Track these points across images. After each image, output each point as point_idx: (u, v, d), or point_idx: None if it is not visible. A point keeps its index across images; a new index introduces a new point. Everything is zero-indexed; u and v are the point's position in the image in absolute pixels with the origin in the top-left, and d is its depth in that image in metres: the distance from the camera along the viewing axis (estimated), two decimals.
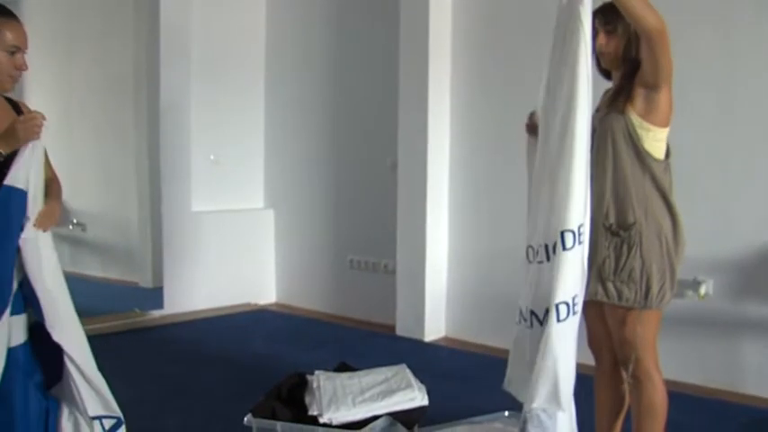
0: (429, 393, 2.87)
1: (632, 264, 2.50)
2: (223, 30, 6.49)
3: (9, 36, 2.41)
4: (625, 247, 2.51)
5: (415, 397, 2.61)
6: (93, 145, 7.91)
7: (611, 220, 2.55)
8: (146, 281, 7.05)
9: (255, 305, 6.56)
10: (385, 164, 5.65)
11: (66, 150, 6.66)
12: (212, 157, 6.46)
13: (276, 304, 6.72)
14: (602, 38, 2.56)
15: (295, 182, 6.61)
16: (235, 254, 6.54)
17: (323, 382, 2.69)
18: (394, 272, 5.51)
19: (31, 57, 2.58)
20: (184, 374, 4.41)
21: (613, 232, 2.53)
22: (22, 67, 2.48)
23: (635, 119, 2.52)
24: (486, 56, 5.15)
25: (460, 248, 5.32)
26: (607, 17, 2.54)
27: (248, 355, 4.78)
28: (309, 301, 6.47)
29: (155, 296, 6.20)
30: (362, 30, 5.96)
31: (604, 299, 2.55)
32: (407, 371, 2.82)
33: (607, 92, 2.74)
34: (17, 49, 2.44)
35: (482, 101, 5.17)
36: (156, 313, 5.90)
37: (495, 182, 5.10)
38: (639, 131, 2.51)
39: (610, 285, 2.53)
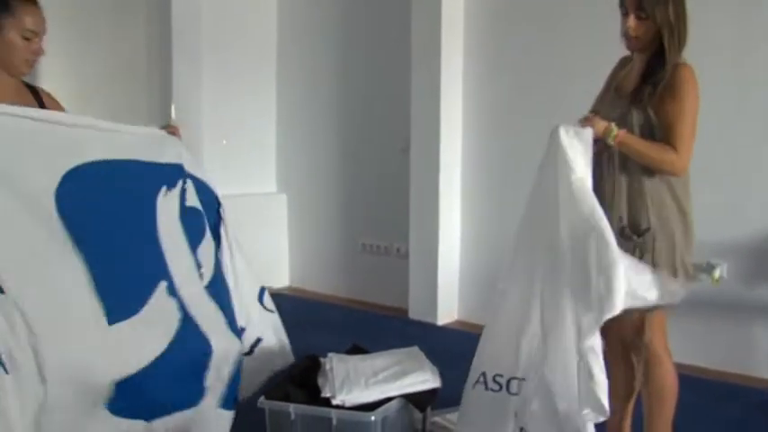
0: (441, 376, 2.89)
1: None
2: (234, 13, 6.48)
3: (27, 20, 2.43)
4: (637, 252, 2.47)
5: (427, 379, 2.63)
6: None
7: (624, 223, 2.51)
8: None
9: (269, 289, 6.56)
10: (397, 148, 5.65)
11: None
12: (224, 142, 6.47)
13: (289, 288, 6.75)
14: (631, 21, 2.47)
15: (307, 166, 6.62)
16: (248, 238, 6.45)
17: (335, 365, 2.71)
18: (406, 255, 5.53)
19: (46, 42, 2.60)
20: None
21: (626, 236, 2.49)
22: (38, 52, 2.50)
23: (655, 118, 2.46)
24: (500, 38, 5.14)
25: (473, 232, 5.32)
26: (643, 2, 2.44)
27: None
28: (323, 284, 6.50)
29: None
30: (375, 13, 5.94)
31: None
32: (420, 353, 2.84)
33: (624, 63, 2.69)
34: (34, 34, 2.45)
35: (495, 83, 5.16)
36: None
37: (507, 165, 5.10)
38: (659, 132, 2.45)
39: None
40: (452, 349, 4.57)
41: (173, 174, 2.60)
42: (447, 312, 5.32)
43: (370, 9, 5.99)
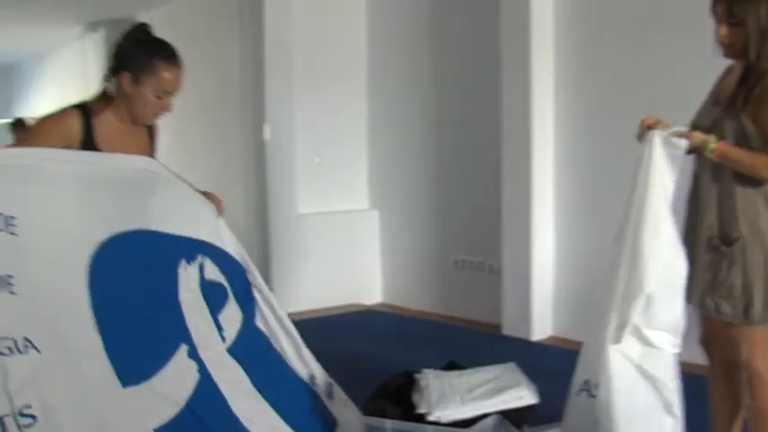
0: (537, 392, 2.84)
1: (732, 280, 2.37)
2: (325, 33, 6.60)
3: (166, 82, 2.51)
4: (725, 263, 2.38)
5: (524, 395, 2.59)
6: (202, 152, 8.18)
7: (713, 232, 2.42)
8: None
9: (362, 305, 6.63)
10: (489, 162, 5.62)
11: (177, 158, 6.91)
12: (317, 160, 6.58)
13: (382, 304, 6.78)
14: (723, 29, 2.38)
15: (399, 182, 6.65)
16: (341, 255, 6.63)
17: (431, 381, 2.70)
18: (499, 271, 5.46)
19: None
20: None
21: (713, 246, 2.41)
22: (167, 110, 2.59)
23: (750, 126, 2.35)
24: (592, 48, 5.03)
25: (567, 247, 5.22)
26: (733, 8, 2.34)
27: (354, 355, 4.83)
28: (415, 300, 6.50)
29: None
30: (464, 27, 5.93)
31: (702, 310, 2.46)
32: (516, 369, 2.80)
33: (729, 71, 2.60)
34: (168, 94, 2.54)
35: (588, 96, 5.05)
36: None
37: (601, 179, 4.98)
38: (755, 140, 2.35)
39: (707, 299, 2.42)
40: (547, 365, 4.50)
41: (192, 249, 2.67)
42: (541, 328, 5.23)
43: (459, 24, 5.98)
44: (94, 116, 2.53)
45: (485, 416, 2.49)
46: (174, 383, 2.42)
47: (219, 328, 2.65)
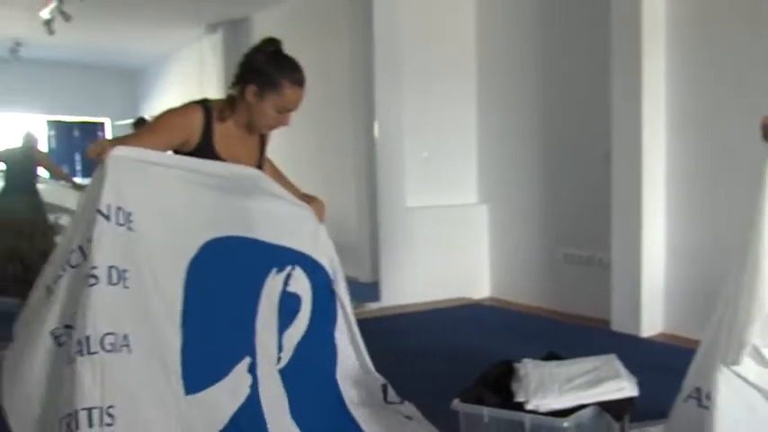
0: (643, 388, 2.80)
1: None
2: (434, 30, 6.66)
3: (288, 101, 2.63)
4: None
5: (624, 387, 2.55)
6: (314, 148, 8.40)
7: None
8: (365, 276, 7.38)
9: (469, 299, 6.66)
10: (598, 155, 5.53)
11: (289, 154, 7.12)
12: (425, 155, 6.64)
13: (490, 298, 6.79)
14: None
15: (508, 177, 6.63)
16: (449, 248, 6.68)
17: (530, 370, 2.70)
18: (608, 265, 5.38)
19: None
20: (399, 363, 4.55)
21: None
22: (285, 125, 2.71)
23: None
24: (706, 39, 4.88)
25: (679, 241, 5.09)
26: None
27: (460, 347, 4.87)
28: (523, 295, 6.48)
29: (373, 290, 6.48)
30: (573, 20, 5.87)
31: None
32: (617, 361, 2.76)
33: None
34: (288, 111, 2.66)
35: (701, 88, 4.90)
36: (373, 306, 6.17)
37: (716, 172, 4.84)
38: None
39: None
40: (656, 362, 4.42)
41: (284, 258, 2.77)
42: (651, 324, 5.12)
43: (568, 17, 5.92)
44: (215, 117, 2.65)
45: (583, 406, 2.48)
46: (226, 397, 2.49)
47: (280, 347, 2.72)
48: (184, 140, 2.59)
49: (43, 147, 11.14)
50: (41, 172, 7.41)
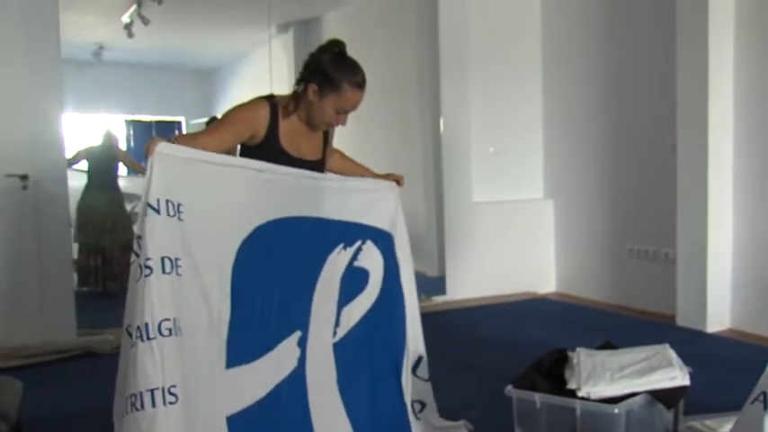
0: (706, 382, 2.81)
1: None
2: (499, 27, 6.71)
3: (348, 102, 2.73)
4: None
5: (675, 376, 2.58)
6: (382, 144, 8.52)
7: None
8: (432, 270, 7.48)
9: (535, 294, 6.68)
10: (664, 147, 5.50)
11: (357, 149, 7.28)
12: (491, 150, 6.69)
13: (556, 293, 6.79)
14: None
15: (573, 172, 6.63)
16: (514, 243, 6.71)
17: (583, 359, 2.75)
18: (674, 260, 5.34)
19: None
20: (463, 354, 4.66)
21: None
22: (342, 124, 2.82)
23: None
24: None
25: (748, 235, 5.01)
26: None
27: (523, 339, 4.92)
28: (589, 290, 6.47)
29: (440, 284, 6.57)
30: (638, 13, 5.83)
31: None
32: (670, 350, 2.78)
33: None
34: (346, 112, 2.77)
35: None
36: (438, 299, 6.25)
37: None
38: None
39: None
40: (722, 357, 4.39)
41: (355, 234, 2.86)
42: (718, 320, 5.07)
43: (632, 10, 5.88)
44: (281, 112, 2.77)
45: (634, 394, 2.52)
46: (270, 369, 2.58)
47: (338, 321, 2.81)
48: (252, 134, 2.72)
49: (122, 145, 11.57)
50: (122, 169, 7.75)
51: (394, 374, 2.98)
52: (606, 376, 2.61)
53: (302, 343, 2.69)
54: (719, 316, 5.08)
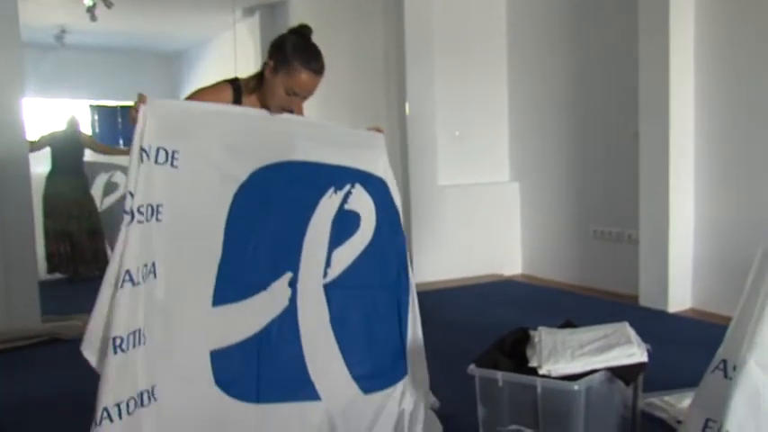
0: (666, 360, 2.86)
1: None
2: (466, 11, 6.72)
3: (296, 82, 2.69)
4: None
5: (633, 353, 2.62)
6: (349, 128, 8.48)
7: None
8: None
9: (501, 276, 6.74)
10: (627, 133, 5.57)
11: None
12: (457, 133, 6.72)
13: (522, 275, 6.87)
14: None
15: (539, 155, 6.69)
16: (481, 226, 6.77)
17: (544, 337, 2.79)
18: (638, 242, 5.43)
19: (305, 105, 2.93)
20: (429, 335, 4.62)
21: None
22: (293, 109, 2.79)
23: None
24: (735, 14, 4.88)
25: (708, 218, 5.11)
26: None
27: (489, 321, 4.97)
28: (554, 271, 6.55)
29: None
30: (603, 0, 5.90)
31: None
32: (628, 327, 2.82)
33: None
34: (296, 95, 2.73)
35: (730, 63, 4.92)
36: None
37: (744, 148, 4.85)
38: None
39: None
40: (683, 337, 4.48)
41: (345, 177, 2.88)
42: (679, 300, 5.17)
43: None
44: (244, 93, 2.78)
45: (594, 371, 2.56)
46: (261, 307, 2.65)
47: (328, 263, 2.85)
48: None
49: (87, 131, 11.42)
50: (88, 155, 7.66)
51: (394, 316, 3.07)
52: (567, 354, 2.64)
53: (293, 283, 2.73)
54: (681, 296, 5.18)
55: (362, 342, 2.93)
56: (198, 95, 2.75)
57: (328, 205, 2.83)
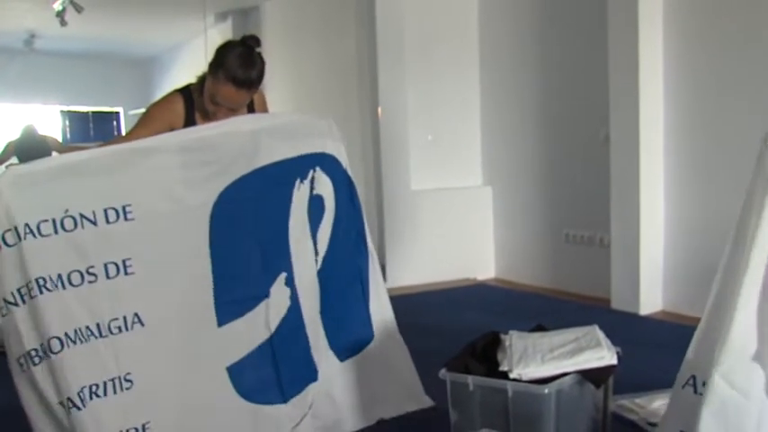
0: (638, 363, 2.87)
1: None
2: (437, 16, 6.73)
3: (218, 91, 2.72)
4: None
5: (603, 356, 2.63)
6: None
7: None
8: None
9: (474, 280, 6.75)
10: (599, 137, 5.61)
11: None
12: (430, 138, 6.73)
13: (495, 279, 6.88)
14: None
15: (512, 159, 6.71)
16: (454, 230, 6.77)
17: (515, 341, 2.79)
18: (609, 245, 5.46)
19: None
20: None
21: None
22: (216, 118, 2.77)
23: None
24: (705, 16, 4.92)
25: (678, 221, 5.15)
26: None
27: (462, 325, 4.96)
28: (527, 275, 6.57)
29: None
30: (572, 6, 5.94)
31: None
32: (598, 331, 2.84)
33: None
34: (219, 106, 2.74)
35: (699, 64, 4.95)
36: None
37: (714, 151, 4.90)
38: None
39: None
40: (655, 339, 4.51)
41: (305, 165, 2.89)
42: (651, 302, 5.20)
43: (567, 2, 5.97)
44: (196, 99, 2.79)
45: (564, 375, 2.57)
46: (266, 314, 2.69)
47: (316, 251, 2.90)
48: (169, 128, 2.73)
49: (58, 137, 11.30)
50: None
51: (357, 284, 3.12)
52: (537, 358, 2.65)
53: (289, 282, 2.77)
54: (652, 299, 5.21)
55: (336, 314, 3.00)
56: (151, 111, 2.79)
57: (300, 197, 2.85)
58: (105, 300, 2.32)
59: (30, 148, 7.15)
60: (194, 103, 2.77)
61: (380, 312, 3.24)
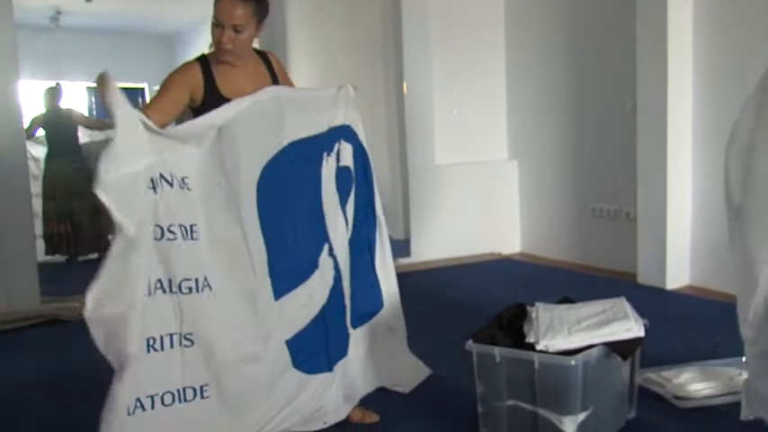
0: (664, 337, 2.85)
1: None
2: None
3: (217, 7, 2.69)
4: None
5: (631, 328, 2.62)
6: None
7: None
8: (397, 232, 7.49)
9: (499, 254, 6.74)
10: (625, 110, 5.55)
11: None
12: (455, 112, 6.70)
13: (521, 254, 6.87)
14: None
15: (537, 133, 6.67)
16: (479, 204, 6.76)
17: (541, 313, 2.79)
18: (635, 219, 5.42)
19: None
20: (427, 314, 4.69)
21: None
22: (224, 44, 2.72)
23: None
24: None
25: (706, 194, 5.08)
26: None
27: (487, 299, 4.96)
28: (553, 250, 6.54)
29: (404, 246, 6.60)
30: None
31: None
32: (625, 303, 2.82)
33: None
34: (220, 24, 2.70)
35: (729, 37, 4.86)
36: (404, 261, 6.26)
37: None
38: None
39: None
40: (682, 314, 4.48)
41: (331, 139, 2.94)
42: (677, 277, 5.16)
43: None
44: (214, 64, 2.79)
45: (591, 346, 2.57)
46: (319, 285, 2.81)
47: (346, 220, 3.00)
48: (192, 96, 2.74)
49: (84, 111, 11.36)
50: (86, 136, 7.61)
51: (366, 249, 3.21)
52: (564, 329, 2.64)
53: (331, 252, 2.89)
54: (679, 273, 5.17)
55: (354, 282, 3.10)
56: (169, 80, 2.75)
57: (328, 170, 2.90)
58: (183, 258, 2.37)
59: (56, 118, 7.21)
60: (211, 65, 2.78)
61: (386, 283, 3.33)
